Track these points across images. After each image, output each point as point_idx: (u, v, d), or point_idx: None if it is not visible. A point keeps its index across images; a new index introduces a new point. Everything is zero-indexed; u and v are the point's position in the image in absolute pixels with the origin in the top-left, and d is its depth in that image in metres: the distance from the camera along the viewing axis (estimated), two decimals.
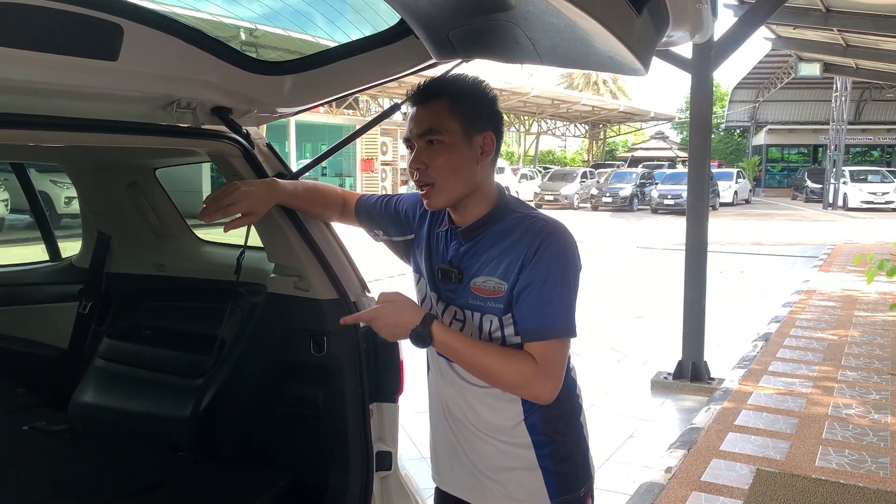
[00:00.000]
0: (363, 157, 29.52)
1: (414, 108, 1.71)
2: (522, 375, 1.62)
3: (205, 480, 2.40)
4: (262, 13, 2.66)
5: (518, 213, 1.71)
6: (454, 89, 1.69)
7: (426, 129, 1.66)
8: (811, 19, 10.05)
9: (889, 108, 39.01)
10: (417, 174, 1.69)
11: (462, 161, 1.68)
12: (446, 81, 1.72)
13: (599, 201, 29.49)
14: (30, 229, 10.99)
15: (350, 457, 2.16)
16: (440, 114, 1.66)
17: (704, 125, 6.07)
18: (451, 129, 1.66)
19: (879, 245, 13.81)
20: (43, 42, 1.51)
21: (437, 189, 1.68)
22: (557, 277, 1.61)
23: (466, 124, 1.67)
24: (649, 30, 1.48)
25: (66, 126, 1.75)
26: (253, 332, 2.48)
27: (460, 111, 1.67)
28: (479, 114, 1.70)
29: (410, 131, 1.70)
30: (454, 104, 1.67)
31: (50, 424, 2.62)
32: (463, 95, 1.68)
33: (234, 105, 2.01)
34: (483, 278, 1.68)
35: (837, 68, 17.39)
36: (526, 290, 1.61)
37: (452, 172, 1.67)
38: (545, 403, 1.68)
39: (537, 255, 1.61)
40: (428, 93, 1.69)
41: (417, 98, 1.70)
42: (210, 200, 1.95)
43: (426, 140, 1.67)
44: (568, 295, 1.63)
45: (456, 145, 1.66)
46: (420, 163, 1.68)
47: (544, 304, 1.60)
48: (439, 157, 1.66)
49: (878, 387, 5.82)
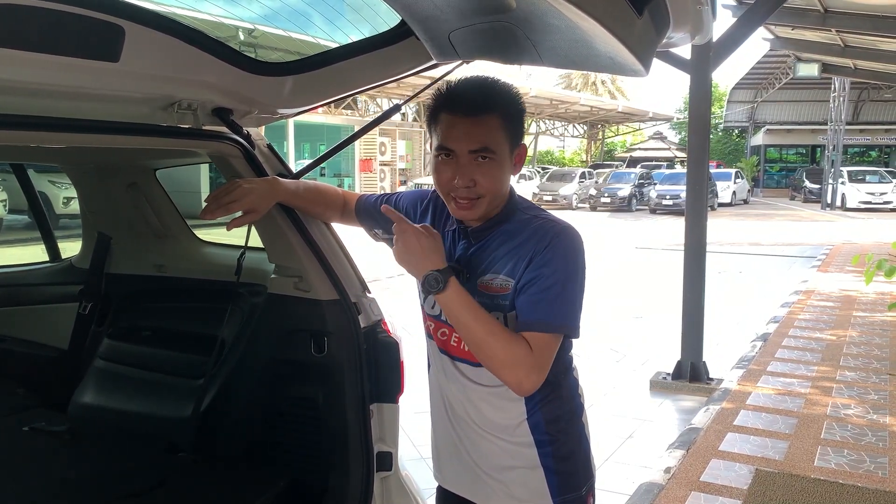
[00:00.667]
0: (362, 158, 29.53)
1: (458, 116, 1.63)
2: (514, 356, 1.58)
3: (205, 481, 2.40)
4: (261, 13, 2.67)
5: (527, 214, 1.72)
6: (506, 104, 1.65)
7: (481, 147, 1.62)
8: (809, 20, 10.06)
9: (887, 109, 39.04)
10: (464, 190, 1.64)
11: (505, 174, 1.68)
12: (498, 93, 1.66)
13: (598, 201, 29.50)
14: (28, 230, 10.98)
15: (350, 457, 2.17)
16: (494, 130, 1.63)
17: (703, 125, 6.07)
18: (502, 147, 1.65)
19: (878, 245, 13.82)
20: (44, 43, 1.51)
21: (481, 202, 1.66)
22: (561, 273, 1.62)
23: (512, 140, 1.67)
24: (650, 31, 1.48)
25: (68, 127, 1.75)
26: (253, 332, 2.49)
27: (510, 127, 1.65)
28: (521, 126, 1.70)
29: (456, 144, 1.63)
30: (505, 120, 1.64)
31: (50, 425, 2.62)
32: (513, 110, 1.66)
33: (234, 106, 2.01)
34: (490, 276, 1.68)
35: (836, 69, 17.42)
36: (529, 283, 1.62)
37: (500, 187, 1.67)
38: (524, 394, 1.66)
39: (546, 251, 1.62)
40: (481, 106, 1.62)
41: (468, 110, 1.62)
42: (211, 199, 1.95)
43: (476, 156, 1.63)
44: (572, 293, 1.63)
45: (504, 161, 1.66)
46: (470, 180, 1.63)
47: (546, 298, 1.60)
48: (491, 173, 1.64)
49: (876, 387, 5.83)
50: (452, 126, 1.63)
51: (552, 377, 1.73)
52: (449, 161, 1.65)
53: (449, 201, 1.69)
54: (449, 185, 1.65)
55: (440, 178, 1.67)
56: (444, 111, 1.65)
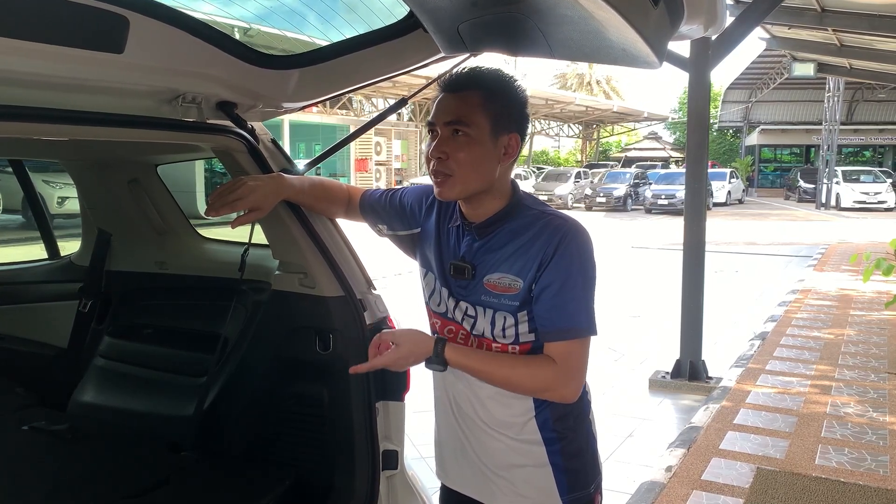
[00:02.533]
0: (357, 157, 29.50)
1: (443, 93, 1.67)
2: (543, 381, 1.63)
3: (208, 480, 2.37)
4: (256, 12, 2.64)
5: (534, 209, 1.70)
6: (490, 84, 1.66)
7: (455, 119, 1.63)
8: (806, 19, 10.07)
9: (881, 109, 39.17)
10: (436, 163, 1.66)
11: (484, 157, 1.65)
12: (483, 74, 1.67)
13: (593, 201, 29.53)
14: (22, 230, 10.94)
15: (356, 456, 2.14)
16: (472, 106, 1.63)
17: (702, 124, 6.07)
18: (480, 124, 1.63)
19: (873, 245, 13.86)
20: (47, 33, 1.48)
21: (452, 181, 1.65)
22: (577, 276, 1.61)
23: (496, 122, 1.65)
24: (664, 21, 1.46)
25: (70, 119, 1.73)
26: (257, 329, 2.46)
27: (493, 108, 1.64)
28: (511, 114, 1.67)
29: (436, 117, 1.66)
30: (488, 100, 1.64)
31: (50, 424, 2.59)
32: (498, 92, 1.66)
33: (240, 100, 1.99)
34: (498, 275, 1.66)
35: (831, 68, 17.46)
36: (546, 290, 1.61)
37: (473, 167, 1.64)
38: (570, 402, 1.69)
39: (556, 253, 1.60)
40: (463, 82, 1.65)
41: (450, 86, 1.66)
42: (216, 196, 1.92)
43: (452, 129, 1.64)
44: (587, 293, 1.63)
45: (481, 141, 1.64)
46: (441, 152, 1.64)
47: (564, 303, 1.60)
48: (463, 149, 1.63)
49: (875, 385, 5.83)
50: (438, 101, 1.68)
51: None
52: (434, 137, 1.68)
53: (431, 179, 1.72)
54: (429, 159, 1.68)
55: (426, 153, 1.70)
56: (438, 92, 1.70)
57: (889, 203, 28.71)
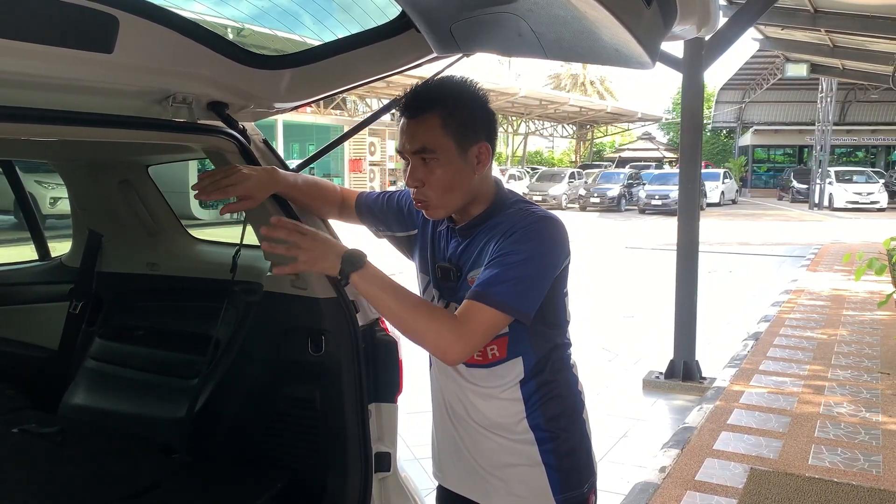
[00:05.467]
0: (351, 158, 29.46)
1: (405, 118, 1.64)
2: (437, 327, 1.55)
3: (200, 483, 2.35)
4: (249, 12, 2.63)
5: (515, 207, 1.69)
6: (445, 101, 1.62)
7: (419, 148, 1.62)
8: (799, 20, 10.11)
9: (873, 110, 39.33)
10: (414, 192, 1.66)
11: (458, 175, 1.64)
12: (436, 92, 1.64)
13: (587, 202, 29.56)
14: (13, 230, 10.87)
15: (348, 458, 2.13)
16: (432, 130, 1.61)
17: (696, 124, 6.08)
18: (444, 146, 1.61)
19: (865, 245, 13.90)
20: (36, 33, 1.47)
21: (434, 205, 1.66)
22: (523, 255, 1.56)
23: (461, 138, 1.62)
24: (657, 21, 1.46)
25: (60, 120, 1.71)
26: (249, 331, 2.44)
27: (453, 125, 1.61)
28: (474, 125, 1.65)
29: (403, 146, 1.65)
30: (447, 119, 1.61)
31: (41, 426, 2.56)
32: (455, 108, 1.62)
33: (231, 100, 1.98)
34: (475, 271, 1.66)
35: (824, 69, 17.54)
36: (490, 262, 1.59)
37: (450, 188, 1.64)
38: (452, 364, 1.65)
39: (515, 233, 1.59)
40: (420, 105, 1.62)
41: (408, 111, 1.63)
42: (208, 176, 1.89)
43: (420, 158, 1.63)
44: (527, 275, 1.56)
45: (451, 160, 1.62)
46: (416, 180, 1.64)
47: (498, 274, 1.55)
48: (434, 173, 1.62)
49: (868, 385, 5.85)
50: (402, 129, 1.65)
51: (550, 375, 1.72)
52: (406, 164, 1.67)
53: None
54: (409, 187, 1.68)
55: (406, 181, 1.69)
56: (399, 115, 1.67)
57: (881, 203, 28.81)
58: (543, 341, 1.71)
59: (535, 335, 1.68)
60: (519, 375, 1.70)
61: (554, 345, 1.73)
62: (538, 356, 1.70)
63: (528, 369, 1.70)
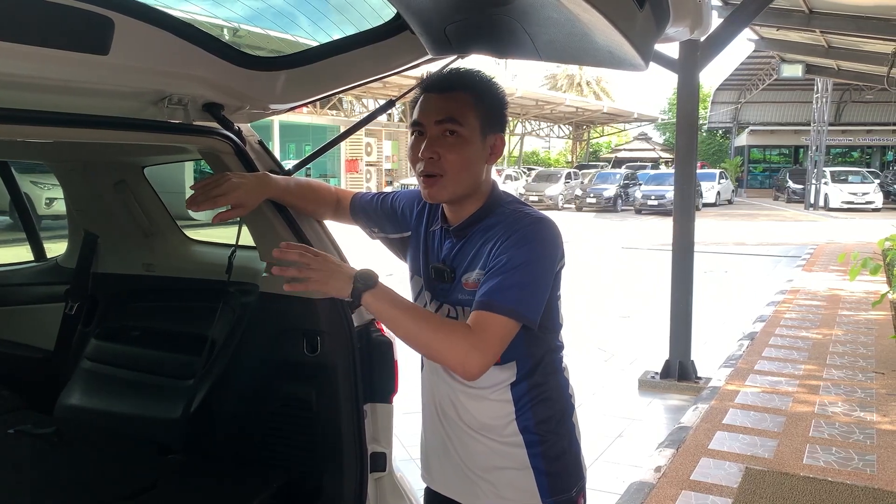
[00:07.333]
0: (348, 158, 29.47)
1: (429, 94, 1.67)
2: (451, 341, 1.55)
3: (197, 483, 2.36)
4: (244, 13, 2.64)
5: (509, 207, 1.70)
6: (478, 85, 1.67)
7: (447, 117, 1.63)
8: (794, 20, 10.13)
9: (868, 110, 39.39)
10: (425, 165, 1.65)
11: (474, 157, 1.66)
12: (471, 75, 1.69)
13: (584, 202, 29.59)
14: (8, 231, 10.84)
15: (344, 458, 2.14)
16: (464, 106, 1.64)
17: (691, 125, 6.10)
18: (472, 124, 1.64)
19: (861, 245, 13.93)
20: (31, 34, 1.47)
21: (444, 181, 1.65)
22: (524, 260, 1.57)
23: (485, 122, 1.66)
24: (650, 24, 1.47)
25: (55, 121, 1.72)
26: (245, 331, 2.44)
27: (483, 108, 1.65)
28: (498, 115, 1.70)
29: (425, 116, 1.65)
30: (477, 100, 1.65)
31: (36, 427, 2.56)
32: (486, 93, 1.67)
33: (226, 101, 1.98)
34: (469, 273, 1.67)
35: (819, 69, 17.59)
36: (492, 269, 1.59)
37: (464, 168, 1.65)
38: (471, 379, 1.62)
39: (511, 237, 1.60)
40: (452, 83, 1.66)
41: (439, 86, 1.67)
42: (199, 187, 1.90)
43: (444, 129, 1.63)
44: (531, 280, 1.58)
45: (472, 141, 1.64)
46: (433, 152, 1.64)
47: (502, 280, 1.56)
48: (454, 150, 1.63)
49: (862, 385, 5.87)
50: (424, 102, 1.67)
51: (541, 378, 1.72)
52: (420, 138, 1.67)
53: (419, 181, 1.70)
54: (417, 160, 1.67)
55: (412, 154, 1.69)
56: (421, 92, 1.69)
57: (877, 203, 28.88)
58: (538, 345, 1.71)
59: (530, 339, 1.67)
60: (511, 377, 1.70)
61: (547, 348, 1.74)
62: (532, 360, 1.71)
63: (521, 372, 1.70)
